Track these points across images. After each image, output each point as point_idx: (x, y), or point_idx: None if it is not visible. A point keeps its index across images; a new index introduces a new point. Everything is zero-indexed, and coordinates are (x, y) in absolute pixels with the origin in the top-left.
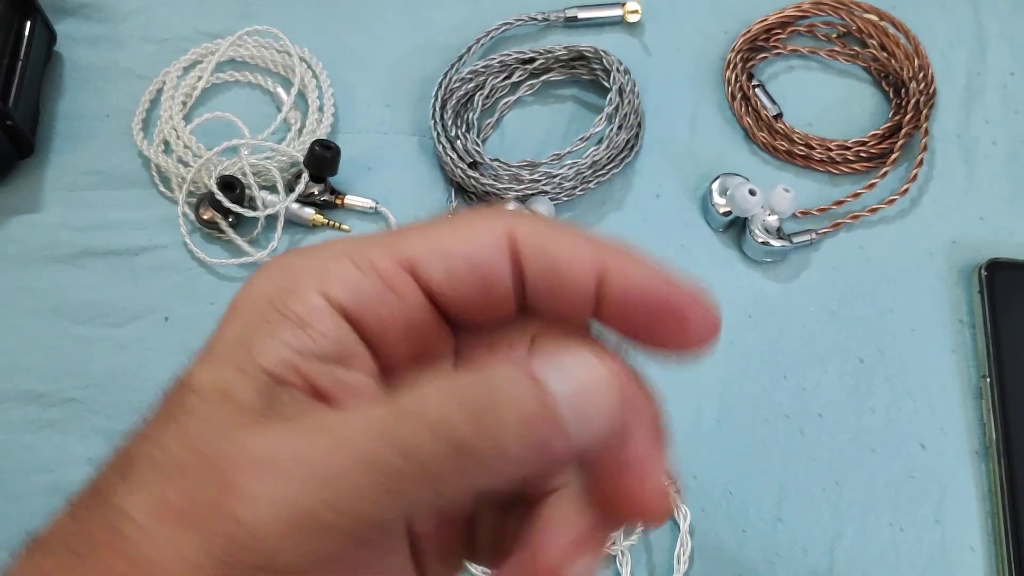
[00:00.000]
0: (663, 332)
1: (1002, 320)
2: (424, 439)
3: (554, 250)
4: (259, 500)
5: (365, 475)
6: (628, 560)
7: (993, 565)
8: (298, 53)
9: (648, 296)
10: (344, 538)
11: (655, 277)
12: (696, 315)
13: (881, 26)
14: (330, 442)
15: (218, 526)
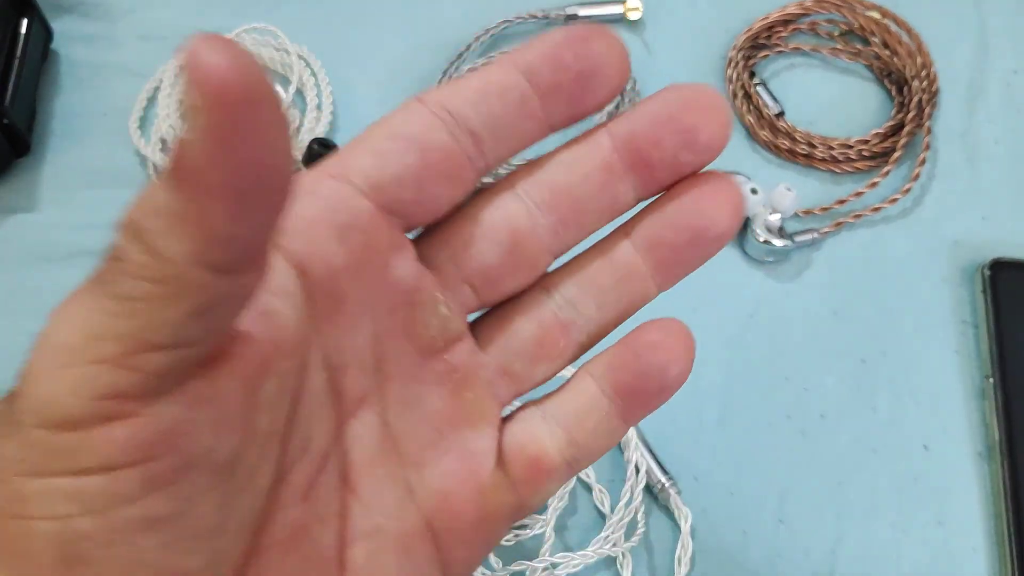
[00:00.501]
0: (597, 53)
1: (1005, 320)
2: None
3: (465, 81)
4: (34, 355)
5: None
6: (629, 561)
7: (996, 567)
8: (296, 51)
9: (558, 40)
10: (109, 368)
11: (549, 35)
12: (599, 31)
13: (883, 24)
14: (75, 294)
15: (11, 394)
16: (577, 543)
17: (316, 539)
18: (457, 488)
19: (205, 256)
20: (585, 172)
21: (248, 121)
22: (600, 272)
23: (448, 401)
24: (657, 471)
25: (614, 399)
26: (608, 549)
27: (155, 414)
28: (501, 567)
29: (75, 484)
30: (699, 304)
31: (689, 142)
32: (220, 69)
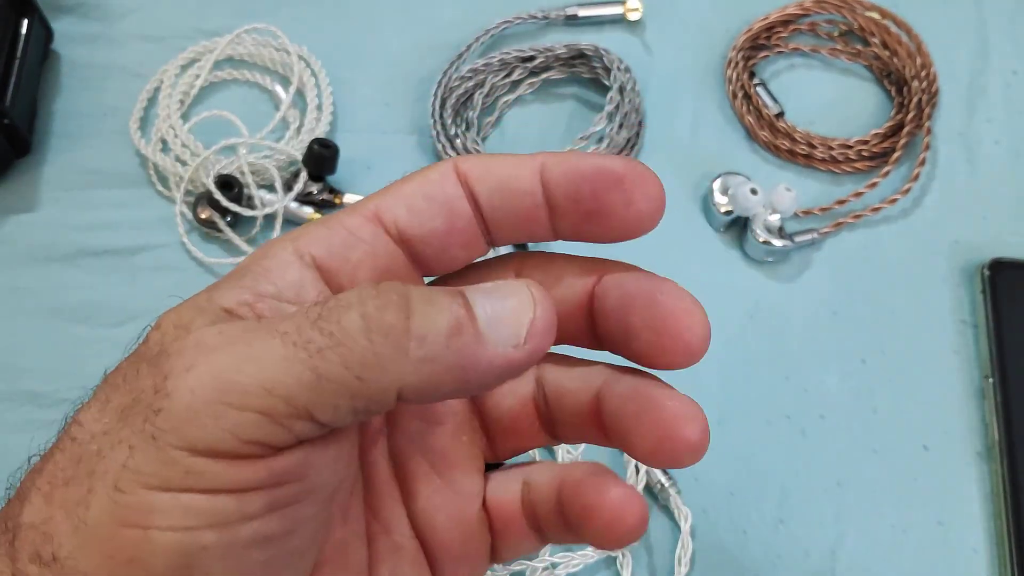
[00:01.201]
0: (610, 204)
1: (1005, 320)
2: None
3: (496, 166)
4: (187, 374)
5: (288, 365)
6: (629, 561)
7: (996, 567)
8: (296, 51)
9: (585, 170)
10: (269, 422)
11: (588, 156)
12: (633, 177)
13: (883, 24)
14: (262, 331)
15: (149, 408)
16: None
17: (354, 556)
18: (444, 522)
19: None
20: (577, 292)
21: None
22: (573, 380)
23: (446, 441)
24: (657, 471)
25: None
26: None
27: (291, 455)
28: (501, 567)
29: (206, 501)
30: None
31: (628, 214)
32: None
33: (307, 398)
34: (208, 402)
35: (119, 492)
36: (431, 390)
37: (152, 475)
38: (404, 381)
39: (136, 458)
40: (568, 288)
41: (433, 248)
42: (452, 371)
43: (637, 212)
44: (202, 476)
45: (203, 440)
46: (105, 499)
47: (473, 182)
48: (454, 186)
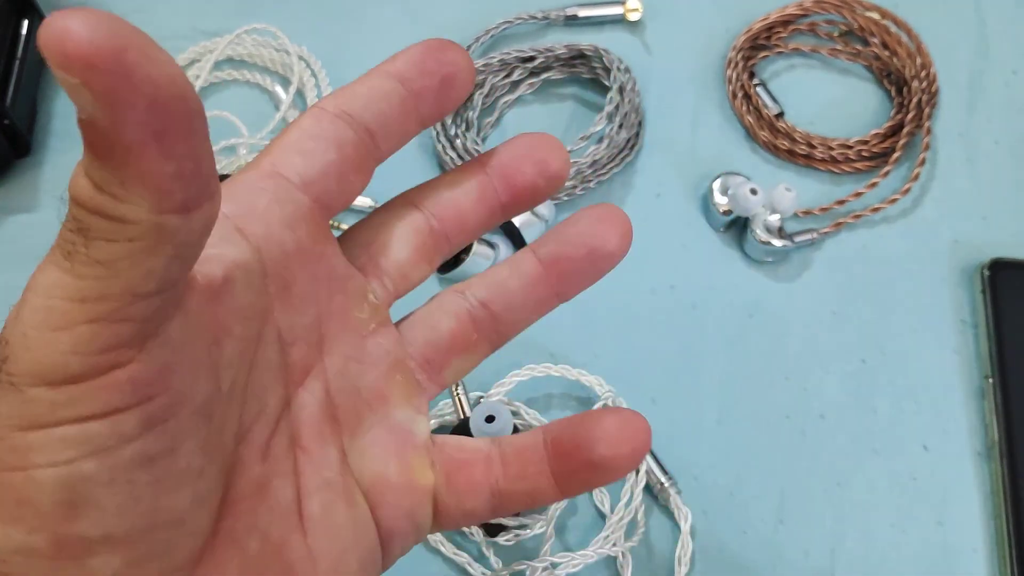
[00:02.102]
0: (453, 65)
1: (1005, 320)
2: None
3: (355, 88)
4: (16, 319)
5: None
6: (629, 561)
7: (996, 567)
8: (296, 52)
9: (425, 50)
10: (100, 325)
11: (421, 44)
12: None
13: (883, 24)
14: (49, 256)
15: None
16: (577, 543)
17: (277, 493)
18: (382, 456)
19: (164, 203)
20: (466, 190)
21: (128, 69)
22: (509, 279)
23: (380, 380)
24: (657, 471)
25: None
26: (608, 549)
27: (148, 357)
28: (501, 567)
29: (79, 430)
30: (698, 303)
31: (542, 171)
32: (80, 37)
33: (115, 285)
34: (38, 335)
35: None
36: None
37: (20, 416)
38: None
39: (2, 406)
40: (465, 185)
41: (332, 180)
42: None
43: (466, 64)
44: (68, 406)
45: (52, 370)
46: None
47: (346, 107)
48: (331, 121)
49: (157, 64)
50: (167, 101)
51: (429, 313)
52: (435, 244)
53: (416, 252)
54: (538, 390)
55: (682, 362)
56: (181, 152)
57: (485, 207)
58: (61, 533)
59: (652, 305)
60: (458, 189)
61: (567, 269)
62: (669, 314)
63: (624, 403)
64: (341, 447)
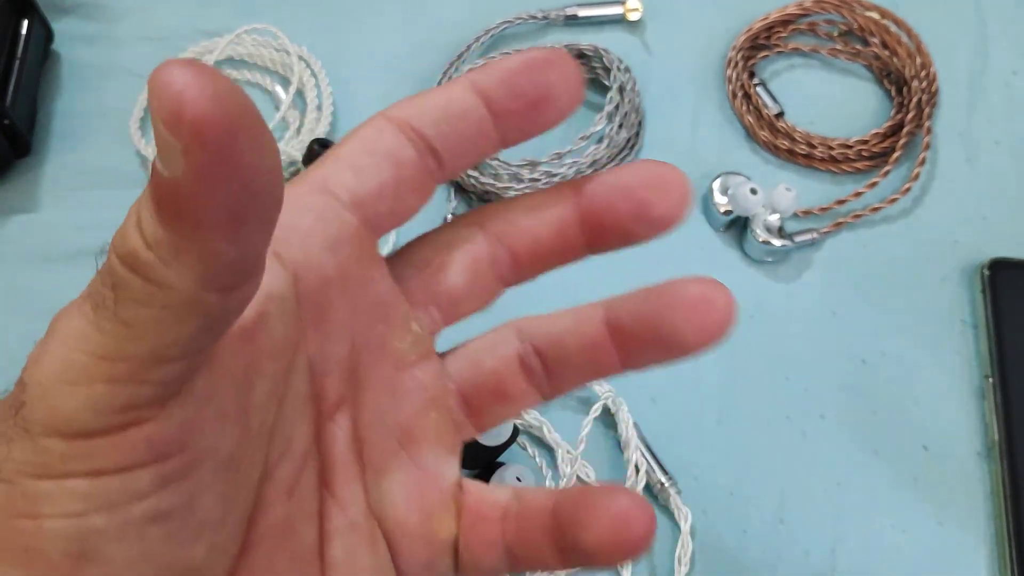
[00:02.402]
0: (548, 84)
1: (1005, 320)
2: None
3: (428, 100)
4: (36, 365)
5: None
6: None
7: (996, 567)
8: (296, 52)
9: (514, 66)
10: (120, 385)
11: (510, 57)
12: (555, 56)
13: (883, 24)
14: (73, 306)
15: (16, 402)
16: None
17: (300, 536)
18: (405, 502)
19: (209, 283)
20: (545, 219)
21: (234, 152)
22: (567, 336)
23: (414, 417)
24: (657, 471)
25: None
26: None
27: (167, 417)
28: None
29: (90, 485)
30: None
31: (642, 214)
32: (198, 102)
33: (137, 349)
34: (55, 386)
35: (6, 483)
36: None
37: (33, 464)
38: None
39: (15, 451)
40: (545, 213)
41: (386, 200)
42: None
43: (571, 85)
44: (80, 459)
45: (65, 423)
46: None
47: (414, 121)
48: (392, 135)
49: (262, 153)
50: (258, 191)
51: (479, 350)
52: (498, 274)
53: (473, 281)
54: None
55: (682, 362)
56: (249, 242)
57: (562, 241)
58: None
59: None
60: (536, 216)
61: (634, 347)
62: None
63: (624, 404)
64: (364, 488)
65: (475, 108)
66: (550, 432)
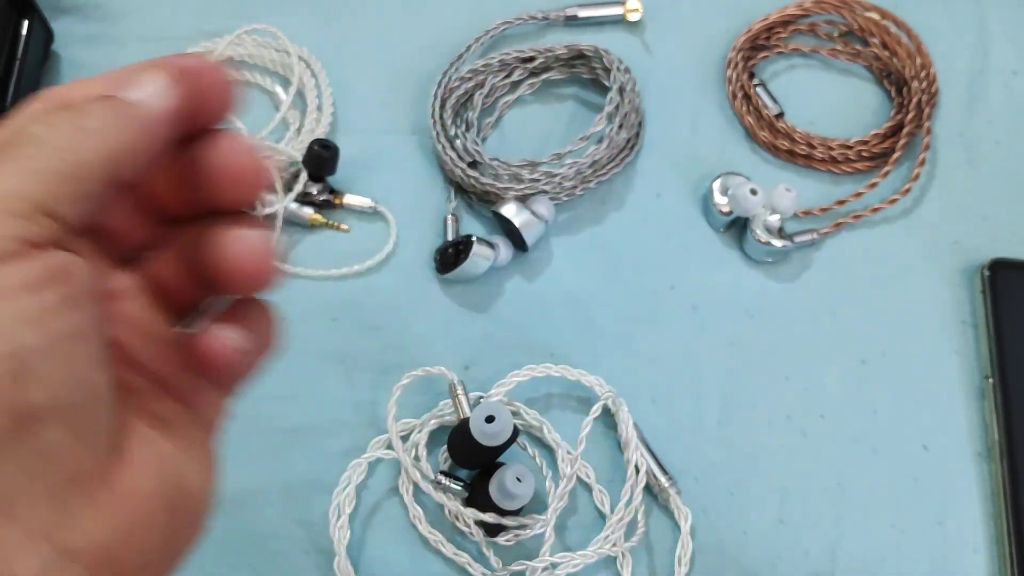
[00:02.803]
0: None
1: (1005, 320)
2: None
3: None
4: None
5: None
6: (629, 562)
7: (996, 567)
8: (297, 52)
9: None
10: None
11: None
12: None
13: (883, 25)
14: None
15: None
16: (577, 543)
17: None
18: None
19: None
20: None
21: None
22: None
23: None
24: (657, 471)
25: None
26: (608, 549)
27: (55, 255)
28: (501, 567)
29: (11, 304)
30: (699, 304)
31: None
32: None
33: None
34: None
35: None
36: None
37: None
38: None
39: None
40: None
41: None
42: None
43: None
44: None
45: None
46: None
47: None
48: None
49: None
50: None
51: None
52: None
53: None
54: (538, 390)
55: (682, 362)
56: None
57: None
58: (14, 404)
59: (652, 305)
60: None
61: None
62: (669, 314)
63: (624, 404)
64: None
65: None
66: (550, 432)
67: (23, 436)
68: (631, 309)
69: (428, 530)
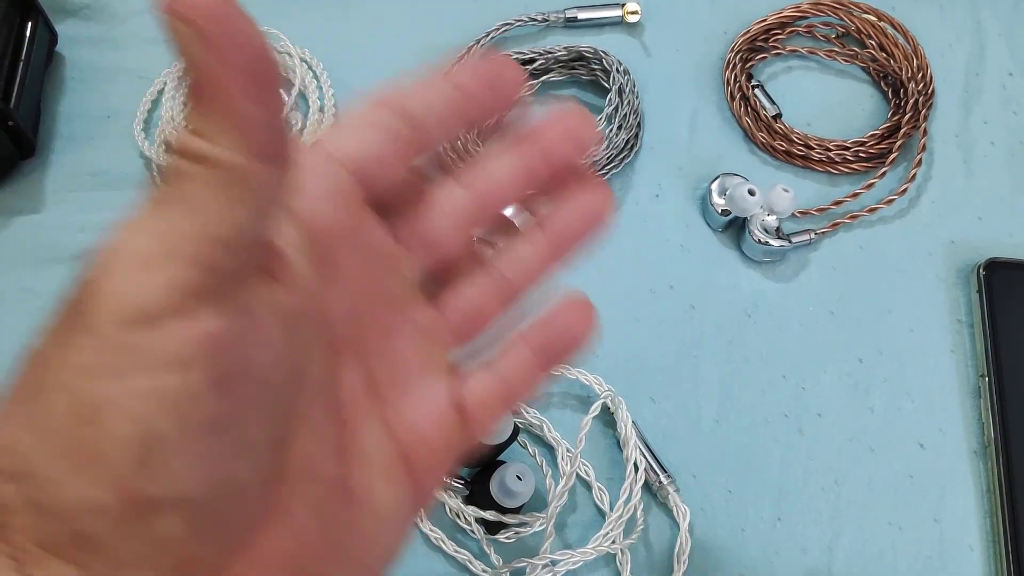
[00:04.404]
0: (504, 74)
1: (1000, 320)
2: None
3: (410, 87)
4: (102, 267)
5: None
6: (628, 559)
7: (992, 564)
8: (298, 54)
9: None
10: (183, 266)
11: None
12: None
13: (880, 26)
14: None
15: (81, 305)
16: (577, 540)
17: (323, 468)
18: (426, 424)
19: (250, 146)
20: (504, 162)
21: (234, 22)
22: (520, 248)
23: (415, 352)
24: (656, 469)
25: (536, 351)
26: (607, 546)
27: (219, 315)
28: (502, 564)
29: (152, 382)
30: (697, 303)
31: (573, 141)
32: (193, 2)
33: (194, 224)
34: (123, 275)
35: (68, 391)
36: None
37: (96, 365)
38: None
39: (79, 354)
40: (503, 160)
41: (378, 165)
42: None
43: (517, 76)
44: (143, 351)
45: (130, 307)
46: (58, 402)
47: (404, 102)
48: (387, 112)
49: (253, 25)
50: (259, 52)
51: (456, 280)
52: (473, 215)
53: (453, 226)
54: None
55: (681, 361)
56: (267, 100)
57: (523, 179)
58: (131, 492)
59: (651, 305)
60: (495, 161)
61: (563, 246)
62: (668, 314)
63: (623, 403)
64: (384, 421)
65: (450, 91)
66: (550, 431)
67: (134, 521)
68: (630, 308)
69: (429, 527)
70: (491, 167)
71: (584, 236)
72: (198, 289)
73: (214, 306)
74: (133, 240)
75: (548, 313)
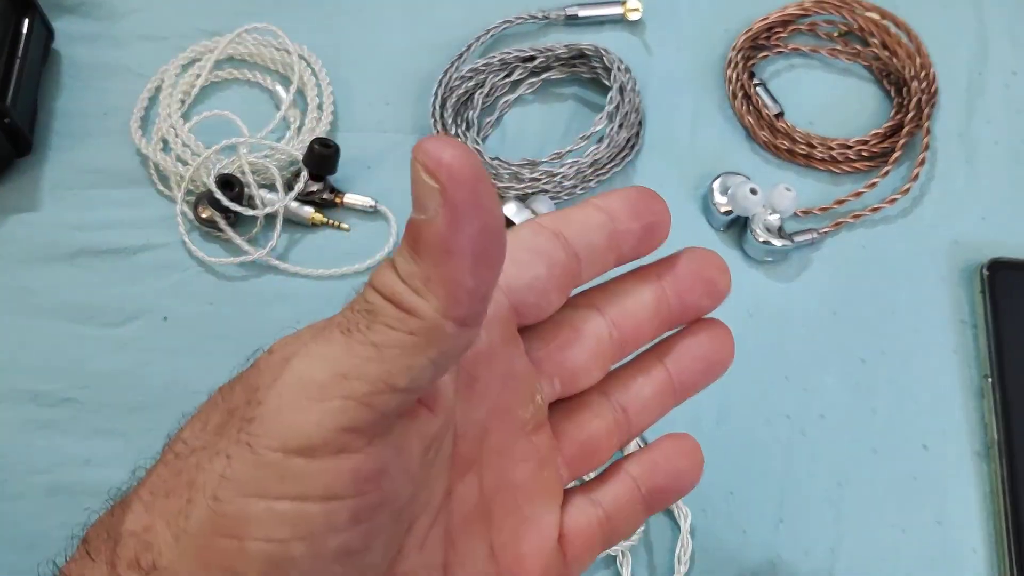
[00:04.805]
0: (658, 211)
1: (1004, 320)
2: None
3: (571, 215)
4: (274, 383)
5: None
6: (628, 561)
7: (995, 566)
8: (297, 51)
9: (633, 194)
10: (354, 405)
11: (622, 189)
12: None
13: (883, 25)
14: (325, 329)
15: (243, 419)
16: None
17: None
18: (530, 553)
19: (451, 311)
20: (643, 302)
21: (479, 194)
22: (644, 386)
23: (529, 477)
24: None
25: (644, 494)
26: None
27: (373, 453)
28: None
29: (297, 510)
30: None
31: (711, 292)
32: (454, 160)
33: (377, 370)
34: (294, 400)
35: (217, 502)
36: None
37: (248, 482)
38: (446, 315)
39: (233, 467)
40: (642, 296)
41: (535, 293)
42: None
43: (667, 216)
44: (295, 479)
45: (295, 437)
46: (203, 509)
47: (563, 229)
48: (547, 238)
49: (495, 202)
50: (495, 231)
51: (579, 410)
52: (610, 353)
53: (592, 359)
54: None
55: None
56: (484, 276)
57: (659, 322)
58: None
59: None
60: (636, 299)
61: (687, 381)
62: None
63: None
64: (488, 541)
65: (606, 224)
66: None
67: None
68: None
69: None
70: (630, 306)
71: (705, 382)
72: (362, 428)
73: (372, 445)
74: (309, 368)
75: (657, 452)
